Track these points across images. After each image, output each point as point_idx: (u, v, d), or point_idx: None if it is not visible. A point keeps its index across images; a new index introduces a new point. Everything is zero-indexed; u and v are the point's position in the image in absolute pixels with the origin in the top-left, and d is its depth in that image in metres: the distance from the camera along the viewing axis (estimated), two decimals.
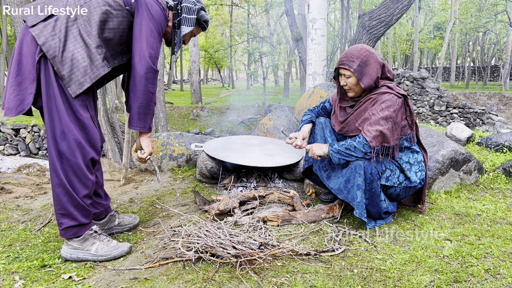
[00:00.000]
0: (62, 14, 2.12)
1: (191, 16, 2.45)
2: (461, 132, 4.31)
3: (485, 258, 2.17)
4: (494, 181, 3.48)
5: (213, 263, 2.08)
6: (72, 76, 2.10)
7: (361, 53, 2.52)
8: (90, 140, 2.22)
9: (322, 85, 4.58)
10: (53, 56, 2.07)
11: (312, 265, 2.08)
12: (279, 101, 19.23)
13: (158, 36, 2.27)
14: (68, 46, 2.10)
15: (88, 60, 2.13)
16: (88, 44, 2.14)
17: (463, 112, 13.08)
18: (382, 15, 6.66)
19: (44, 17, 2.11)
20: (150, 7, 2.23)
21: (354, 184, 2.53)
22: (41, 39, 2.06)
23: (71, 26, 2.12)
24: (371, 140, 2.45)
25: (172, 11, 2.43)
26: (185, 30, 2.45)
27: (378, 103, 2.52)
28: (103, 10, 2.18)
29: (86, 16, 2.15)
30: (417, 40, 25.31)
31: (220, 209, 2.71)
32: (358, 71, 2.51)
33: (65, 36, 2.10)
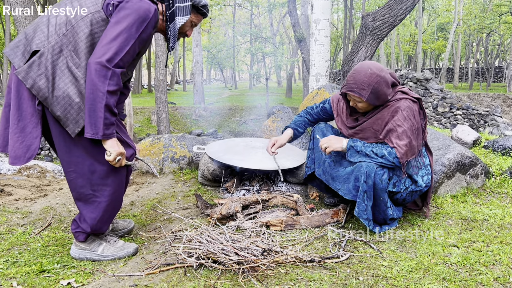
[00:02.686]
0: (45, 48, 1.97)
1: (184, 3, 2.24)
2: (467, 135, 4.24)
3: (494, 265, 2.11)
4: (501, 185, 3.42)
5: (215, 270, 2.03)
6: (67, 115, 1.98)
7: (371, 80, 2.38)
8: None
9: (326, 86, 4.53)
10: (44, 98, 1.96)
11: (317, 272, 2.03)
12: (281, 102, 19.16)
13: (130, 38, 1.99)
14: (57, 84, 1.97)
15: (80, 96, 1.99)
16: (78, 78, 1.98)
17: (467, 114, 12.99)
18: (386, 16, 6.59)
19: (29, 55, 1.98)
20: (126, 6, 2.00)
21: (360, 184, 2.47)
22: (29, 82, 1.94)
23: (56, 59, 1.97)
24: (402, 156, 2.39)
25: (164, 2, 2.23)
26: (180, 21, 2.24)
27: (399, 112, 2.44)
28: (87, 33, 2.01)
29: (71, 45, 1.99)
30: (420, 41, 25.21)
31: (223, 214, 2.66)
32: (370, 99, 2.42)
33: (53, 74, 1.96)
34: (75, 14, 2.03)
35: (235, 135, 7.29)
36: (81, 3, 2.07)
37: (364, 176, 2.44)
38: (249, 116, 15.50)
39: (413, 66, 33.68)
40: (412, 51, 34.44)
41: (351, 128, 2.67)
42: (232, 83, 41.96)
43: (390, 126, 2.45)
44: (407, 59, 37.71)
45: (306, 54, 9.06)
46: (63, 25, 2.02)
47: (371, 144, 2.49)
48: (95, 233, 2.28)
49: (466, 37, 31.34)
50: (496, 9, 25.82)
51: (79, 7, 2.06)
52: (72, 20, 2.02)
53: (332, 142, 2.60)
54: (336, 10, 34.28)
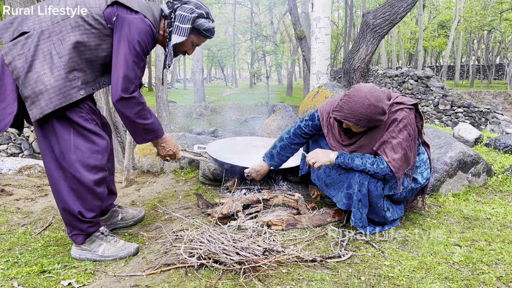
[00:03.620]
0: (34, 31, 1.99)
1: (184, 25, 2.25)
2: (469, 133, 4.23)
3: (497, 264, 2.10)
4: (503, 184, 3.41)
5: (216, 270, 2.03)
6: (34, 99, 1.97)
7: (368, 111, 2.28)
8: (96, 152, 2.15)
9: (327, 85, 4.51)
10: (17, 77, 1.97)
11: (318, 272, 2.02)
12: (282, 100, 19.15)
13: (136, 59, 2.09)
14: (35, 67, 1.97)
15: (55, 84, 1.98)
16: (58, 67, 1.99)
17: (468, 111, 12.97)
18: (387, 13, 6.58)
19: (18, 34, 1.99)
20: (129, 25, 2.05)
21: (354, 192, 2.46)
22: (8, 58, 1.96)
23: (42, 44, 1.98)
24: (397, 171, 2.36)
25: (167, 19, 2.28)
26: (175, 39, 2.25)
27: (394, 123, 2.38)
28: (80, 30, 2.03)
29: (61, 35, 2.01)
30: (421, 39, 25.15)
31: (224, 213, 2.65)
32: (366, 126, 2.37)
33: (33, 56, 1.97)
34: (75, 11, 2.06)
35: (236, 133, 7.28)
36: (85, 2, 2.10)
37: (357, 185, 2.42)
38: (250, 115, 15.50)
39: (414, 64, 33.62)
40: (413, 48, 34.37)
41: (347, 146, 2.56)
42: (232, 82, 41.95)
43: (385, 137, 2.39)
44: (408, 57, 37.64)
45: (307, 52, 9.05)
46: (60, 16, 2.04)
47: (362, 159, 2.42)
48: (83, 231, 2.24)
49: (467, 35, 31.28)
50: (497, 6, 25.77)
51: (79, 7, 2.07)
52: (70, 14, 2.05)
53: (319, 157, 2.54)
54: (337, 8, 34.23)
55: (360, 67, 6.95)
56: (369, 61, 6.96)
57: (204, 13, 2.31)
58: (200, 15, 2.30)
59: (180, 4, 2.28)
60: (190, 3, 2.30)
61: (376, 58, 33.76)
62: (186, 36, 2.26)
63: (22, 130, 2.23)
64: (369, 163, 2.39)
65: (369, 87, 2.34)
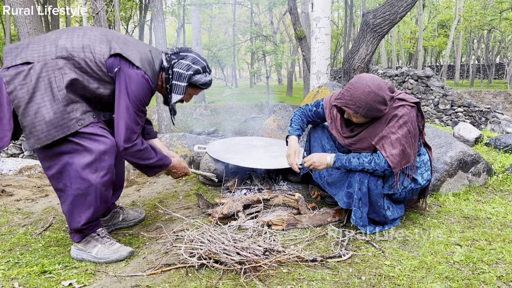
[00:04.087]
0: (38, 63, 2.03)
1: (181, 83, 2.31)
2: (469, 132, 4.23)
3: (497, 264, 2.10)
4: (504, 183, 3.41)
5: (216, 270, 2.03)
6: (32, 129, 2.03)
7: (369, 98, 2.29)
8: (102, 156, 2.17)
9: (327, 85, 4.51)
10: (17, 106, 2.01)
11: (319, 272, 2.02)
12: (282, 100, 19.15)
13: (137, 111, 2.18)
14: (35, 98, 2.01)
15: (53, 116, 2.03)
16: (57, 100, 2.03)
17: (468, 111, 12.96)
18: (387, 13, 6.57)
19: (21, 62, 2.03)
20: (130, 80, 2.12)
21: (354, 191, 2.46)
22: (10, 87, 2.00)
23: (44, 76, 2.02)
24: (395, 166, 2.36)
25: (165, 73, 2.33)
26: (175, 98, 2.33)
27: (395, 119, 2.38)
28: (82, 71, 2.09)
29: (63, 70, 2.05)
30: (421, 38, 25.14)
31: (224, 213, 2.66)
32: (366, 115, 2.36)
33: (34, 87, 2.01)
34: (80, 53, 2.10)
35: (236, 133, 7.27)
36: (91, 47, 2.12)
37: (358, 184, 2.42)
38: (250, 115, 15.49)
39: (414, 64, 33.60)
40: (412, 48, 34.35)
41: (347, 138, 2.58)
42: (232, 82, 41.91)
43: (384, 132, 2.39)
44: (407, 57, 37.62)
45: (307, 52, 9.04)
46: (65, 53, 2.08)
47: (359, 159, 2.42)
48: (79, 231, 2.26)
49: (467, 34, 31.25)
50: (497, 5, 25.74)
51: (85, 50, 2.11)
52: (74, 53, 2.09)
53: (316, 165, 2.55)
54: (337, 7, 34.21)
55: (360, 67, 6.94)
56: (369, 60, 6.95)
57: (201, 68, 2.36)
58: (196, 71, 2.34)
59: (177, 60, 2.33)
60: (187, 58, 2.34)
61: (376, 57, 33.74)
62: (183, 93, 2.34)
63: (17, 140, 2.26)
64: (366, 162, 2.39)
65: (371, 76, 2.36)
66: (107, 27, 9.05)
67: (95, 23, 8.88)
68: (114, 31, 2.32)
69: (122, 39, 2.21)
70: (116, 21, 10.52)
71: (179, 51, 2.38)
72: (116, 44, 2.15)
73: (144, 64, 2.18)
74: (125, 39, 2.24)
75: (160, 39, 10.72)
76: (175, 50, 2.38)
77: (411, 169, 2.48)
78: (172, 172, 2.64)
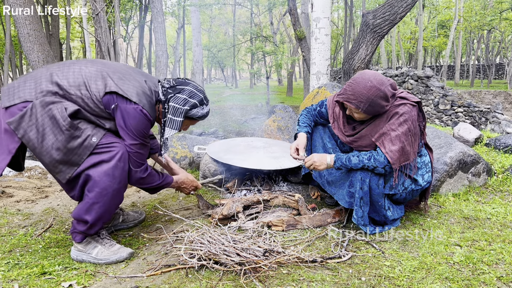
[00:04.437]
0: (37, 100, 2.05)
1: (176, 118, 2.32)
2: (469, 133, 4.23)
3: (497, 264, 2.10)
4: (504, 183, 3.41)
5: (216, 271, 2.03)
6: (55, 165, 2.07)
7: (370, 93, 2.30)
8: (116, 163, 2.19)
9: (327, 85, 4.51)
10: (33, 148, 2.05)
11: (319, 273, 2.02)
12: (282, 100, 19.16)
13: (139, 145, 2.23)
14: (47, 135, 2.05)
15: (69, 146, 2.06)
16: (66, 129, 2.05)
17: (468, 111, 12.97)
18: (386, 14, 6.56)
19: (19, 101, 2.05)
20: (127, 116, 2.15)
21: (356, 190, 2.46)
22: (20, 132, 2.03)
23: (47, 111, 2.04)
24: (394, 162, 2.35)
25: (162, 106, 2.34)
26: (168, 133, 2.34)
27: (395, 116, 2.39)
28: (81, 106, 2.12)
29: (64, 103, 2.08)
30: (421, 39, 25.14)
31: (224, 214, 2.66)
32: (368, 111, 2.37)
33: (42, 125, 2.04)
34: (77, 91, 2.13)
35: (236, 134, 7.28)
36: (87, 84, 2.14)
37: (359, 183, 2.42)
38: (250, 115, 15.50)
39: (413, 64, 33.60)
40: (412, 48, 34.35)
41: (349, 136, 2.60)
42: (232, 82, 41.93)
43: (384, 129, 2.40)
44: (407, 57, 37.63)
45: (307, 52, 9.04)
46: (61, 89, 2.11)
47: (359, 157, 2.43)
48: (89, 234, 2.27)
49: (467, 34, 31.26)
50: (496, 6, 25.75)
51: (81, 88, 2.13)
52: (71, 90, 2.11)
53: (317, 164, 2.55)
54: (337, 8, 34.22)
55: (360, 67, 6.94)
56: (369, 61, 6.95)
57: (198, 102, 2.37)
58: (193, 105, 2.35)
59: (174, 94, 2.33)
60: (184, 92, 2.34)
61: (376, 58, 33.75)
62: (178, 129, 2.36)
63: (22, 170, 2.32)
64: (366, 159, 2.40)
65: (373, 72, 2.38)
66: (107, 28, 9.05)
67: (95, 24, 8.88)
68: (110, 62, 2.31)
69: (118, 74, 2.21)
70: (116, 22, 10.53)
71: (175, 83, 2.37)
72: (112, 80, 2.16)
73: (141, 98, 2.19)
74: (121, 72, 2.24)
75: (160, 39, 10.73)
76: (172, 82, 2.37)
77: (410, 169, 2.47)
78: (181, 188, 2.72)
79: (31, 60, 6.22)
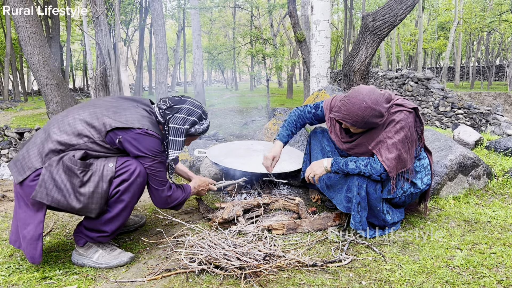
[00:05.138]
0: (46, 163, 2.07)
1: (178, 138, 2.34)
2: (469, 135, 4.23)
3: (497, 268, 2.10)
4: (504, 186, 3.41)
5: (217, 275, 2.03)
6: (84, 209, 2.09)
7: (365, 113, 2.31)
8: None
9: (327, 88, 4.52)
10: (65, 208, 2.07)
11: (319, 277, 2.02)
12: (282, 103, 19.17)
13: (159, 167, 2.26)
14: (66, 189, 2.06)
15: (89, 189, 2.08)
16: (80, 174, 2.07)
17: (468, 113, 12.96)
18: (386, 16, 6.58)
19: (30, 172, 2.08)
20: (135, 142, 2.16)
21: (353, 196, 2.46)
22: (48, 199, 2.04)
23: (59, 169, 2.05)
24: (391, 170, 2.36)
25: (162, 128, 2.35)
26: (172, 154, 2.34)
27: (392, 124, 2.39)
28: (89, 148, 2.14)
29: (71, 153, 2.09)
30: (421, 40, 25.16)
31: (224, 218, 2.66)
32: (363, 127, 2.39)
33: (61, 182, 2.04)
34: (77, 138, 2.14)
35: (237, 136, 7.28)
36: (86, 131, 2.15)
37: (356, 188, 2.43)
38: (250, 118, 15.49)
39: (414, 66, 33.62)
40: (412, 50, 34.37)
41: (346, 143, 2.61)
42: (233, 85, 41.93)
43: (381, 137, 2.40)
44: (407, 59, 37.65)
45: (307, 55, 9.05)
46: (63, 145, 2.12)
47: (356, 162, 2.43)
48: (98, 241, 2.28)
49: (467, 36, 31.28)
50: (496, 7, 25.79)
51: (81, 135, 2.14)
52: (73, 142, 2.13)
53: (316, 172, 2.58)
54: (336, 10, 34.25)
55: (360, 69, 6.95)
56: (369, 63, 6.96)
57: (197, 119, 2.39)
58: (193, 123, 2.38)
59: (172, 114, 2.34)
60: (182, 111, 2.35)
61: (376, 60, 33.78)
62: (181, 149, 2.37)
63: None
64: (363, 165, 2.40)
65: (368, 90, 2.35)
66: (107, 31, 9.07)
67: (95, 27, 8.90)
68: (100, 101, 2.32)
69: (111, 109, 2.22)
70: (116, 24, 10.54)
71: (172, 103, 2.37)
72: (108, 118, 2.17)
73: (142, 122, 2.20)
74: (113, 106, 2.25)
75: (160, 42, 10.74)
76: (168, 103, 2.38)
77: (409, 174, 2.48)
78: (199, 192, 2.78)
79: (31, 63, 6.24)
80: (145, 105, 2.38)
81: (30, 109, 15.73)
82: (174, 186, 2.41)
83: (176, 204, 2.44)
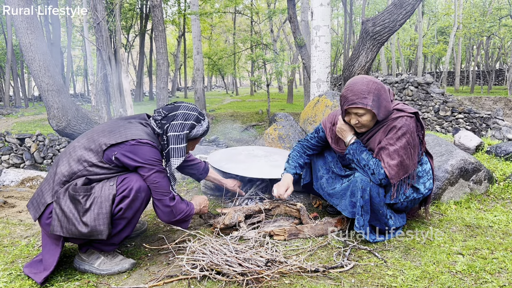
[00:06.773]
0: (54, 197, 2.11)
1: (180, 145, 2.33)
2: (470, 140, 4.23)
3: (499, 273, 2.10)
4: (505, 191, 3.41)
5: (218, 282, 2.03)
6: (93, 230, 2.09)
7: (370, 87, 2.33)
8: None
9: (327, 93, 4.53)
10: (74, 234, 2.09)
11: (321, 283, 2.02)
12: (283, 107, 19.19)
13: (162, 176, 2.24)
14: (72, 215, 2.09)
15: (95, 212, 2.09)
16: (84, 200, 2.09)
17: (468, 117, 12.97)
18: (386, 21, 6.60)
19: (44, 208, 2.13)
20: (131, 155, 2.17)
21: (357, 199, 2.46)
22: (57, 230, 2.08)
23: (66, 201, 2.09)
24: (392, 177, 2.37)
25: (161, 139, 2.36)
26: (175, 163, 2.33)
27: (394, 130, 2.40)
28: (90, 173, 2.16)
29: (74, 182, 2.13)
30: (421, 45, 25.23)
31: (226, 224, 2.66)
32: (374, 107, 2.35)
33: (69, 212, 2.07)
34: (78, 164, 2.18)
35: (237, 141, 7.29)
36: (85, 156, 2.19)
37: (360, 191, 2.43)
38: (251, 123, 15.50)
39: (413, 70, 33.67)
40: (412, 55, 34.44)
41: None
42: (233, 90, 42.01)
43: (383, 144, 2.42)
44: (407, 63, 37.73)
45: (307, 60, 9.07)
46: (66, 175, 2.16)
47: (369, 155, 2.46)
48: (103, 250, 2.29)
49: (467, 41, 31.34)
50: (495, 12, 25.86)
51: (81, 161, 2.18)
52: (74, 169, 2.16)
53: (343, 135, 2.59)
54: (336, 15, 34.38)
55: (360, 74, 6.98)
56: (369, 68, 6.97)
57: (194, 122, 2.40)
58: (191, 126, 2.38)
59: (169, 123, 2.34)
60: (178, 118, 2.36)
61: (376, 65, 33.84)
62: (184, 155, 2.35)
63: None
64: (372, 162, 2.43)
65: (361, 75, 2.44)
66: (108, 37, 9.10)
67: (96, 33, 8.93)
68: (97, 126, 2.36)
69: (106, 130, 2.25)
70: (116, 30, 10.58)
71: (166, 112, 2.38)
72: (103, 138, 2.20)
73: (135, 133, 2.21)
74: (109, 127, 2.28)
75: (160, 48, 10.77)
76: (162, 113, 2.38)
77: (412, 179, 2.48)
78: (202, 209, 2.68)
79: (32, 69, 6.25)
80: (141, 119, 2.40)
81: (31, 114, 15.75)
82: (178, 197, 2.37)
83: (183, 216, 2.35)
